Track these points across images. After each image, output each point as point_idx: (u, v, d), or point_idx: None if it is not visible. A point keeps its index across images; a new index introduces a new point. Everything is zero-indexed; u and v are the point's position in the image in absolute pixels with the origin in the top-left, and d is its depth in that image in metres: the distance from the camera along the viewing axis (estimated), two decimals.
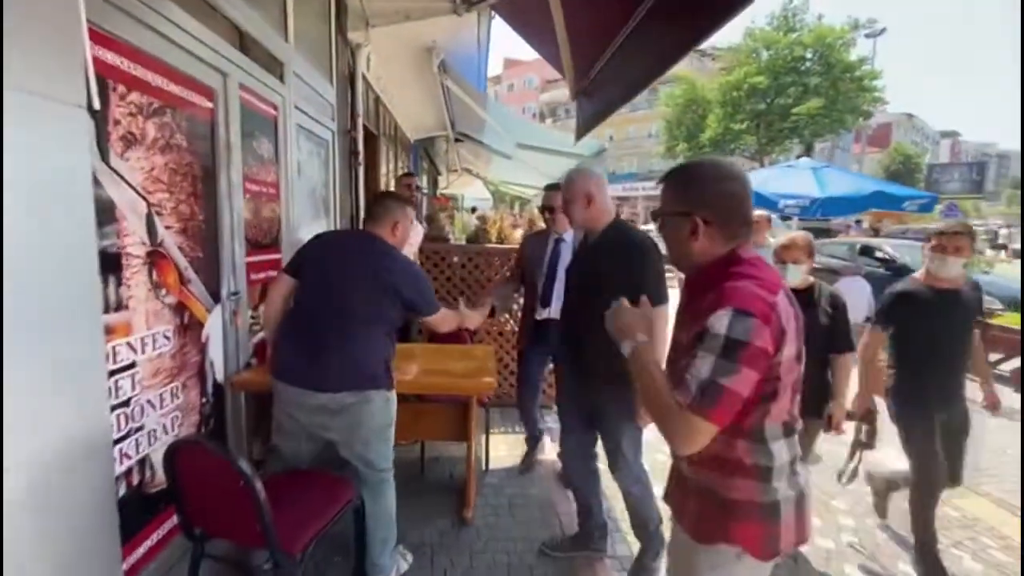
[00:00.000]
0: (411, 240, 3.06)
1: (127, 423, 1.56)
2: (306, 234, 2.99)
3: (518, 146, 5.90)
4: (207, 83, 1.95)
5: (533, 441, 3.03)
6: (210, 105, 1.99)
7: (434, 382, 2.25)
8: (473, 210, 12.62)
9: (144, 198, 1.53)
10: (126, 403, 1.55)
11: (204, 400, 2.01)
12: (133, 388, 1.58)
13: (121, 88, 1.50)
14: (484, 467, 2.92)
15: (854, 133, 23.70)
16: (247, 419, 2.31)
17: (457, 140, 7.73)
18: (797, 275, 2.07)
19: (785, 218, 7.59)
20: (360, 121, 4.07)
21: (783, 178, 7.63)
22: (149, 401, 1.66)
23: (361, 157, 4.08)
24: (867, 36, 18.46)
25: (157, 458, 1.69)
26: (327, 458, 1.97)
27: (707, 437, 1.00)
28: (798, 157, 12.14)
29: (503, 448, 3.15)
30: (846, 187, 7.23)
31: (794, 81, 17.30)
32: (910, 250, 8.45)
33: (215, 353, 2.07)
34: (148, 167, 1.62)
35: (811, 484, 1.15)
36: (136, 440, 1.60)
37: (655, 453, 1.99)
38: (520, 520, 2.47)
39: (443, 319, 2.06)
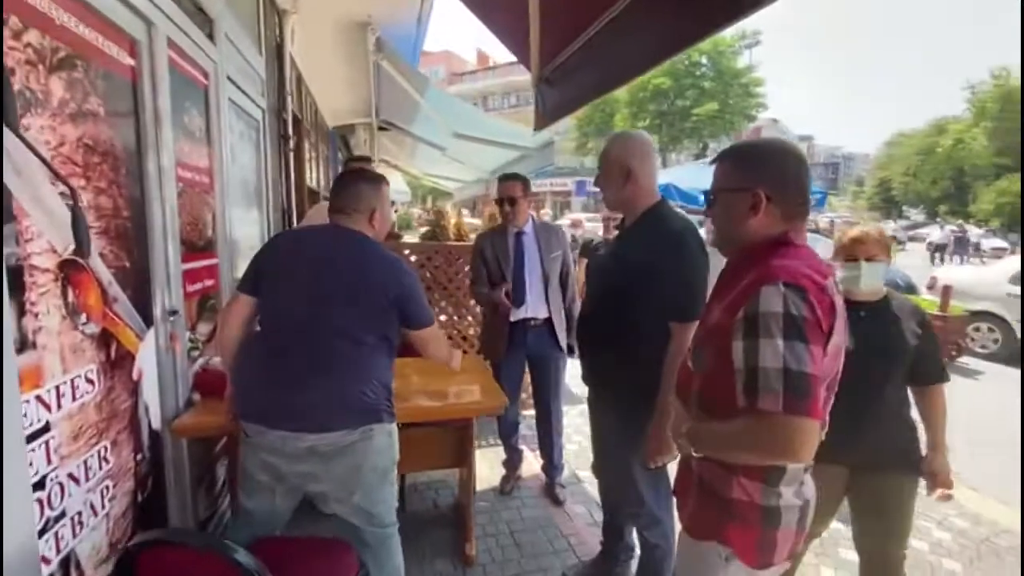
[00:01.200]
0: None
1: (43, 513, 1.07)
2: (241, 233, 2.49)
3: (455, 136, 5.55)
4: (128, 31, 1.44)
5: (512, 464, 2.79)
6: (131, 62, 1.48)
7: (436, 406, 1.91)
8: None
9: (66, 183, 1.05)
10: (40, 484, 1.06)
11: (139, 457, 1.51)
12: (49, 461, 1.09)
13: (14, 21, 1.01)
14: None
15: (733, 136, 26.19)
16: (191, 470, 1.81)
17: (381, 129, 7.15)
18: (877, 276, 1.59)
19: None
20: (290, 101, 3.52)
21: (699, 175, 8.04)
22: (71, 475, 1.17)
23: (292, 142, 3.53)
24: (747, 47, 20.42)
25: (84, 551, 1.21)
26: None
27: (814, 436, 0.88)
28: (696, 157, 13.03)
29: (484, 466, 2.86)
30: None
31: (692, 84, 18.65)
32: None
33: (150, 392, 1.57)
34: (56, 141, 1.13)
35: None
36: (56, 534, 1.11)
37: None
38: (527, 549, 2.22)
39: (435, 336, 1.64)
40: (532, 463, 2.97)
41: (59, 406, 1.13)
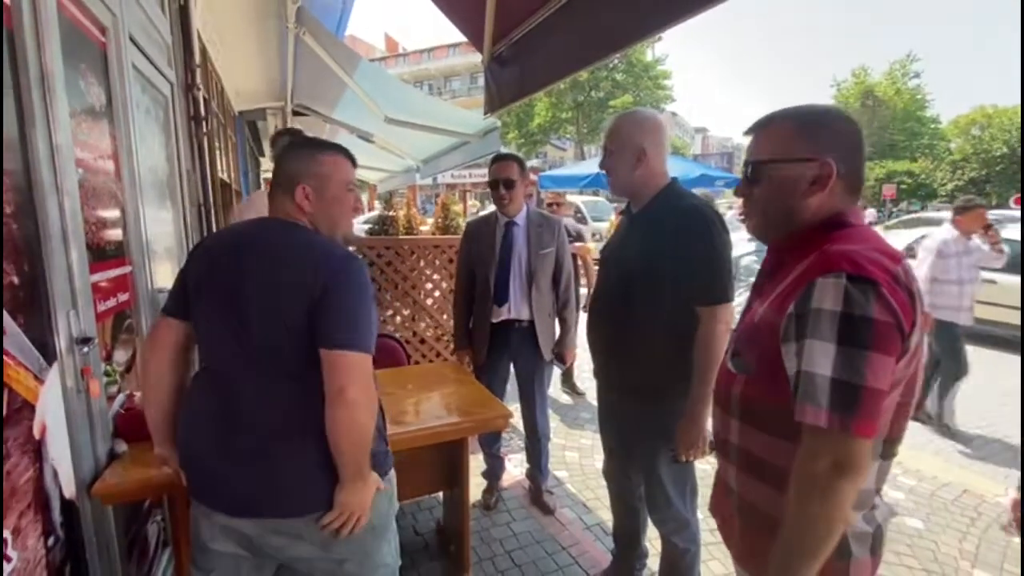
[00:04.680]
0: None
1: None
2: (155, 233, 2.02)
3: (388, 121, 5.13)
4: None
5: (494, 474, 2.57)
6: None
7: (435, 428, 1.65)
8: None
9: None
10: None
11: (52, 541, 1.11)
12: None
13: None
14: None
15: None
16: (119, 540, 1.40)
17: (297, 114, 6.49)
18: None
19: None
20: (198, 75, 2.97)
21: None
22: None
23: (206, 125, 2.99)
24: (650, 43, 21.38)
25: None
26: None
27: (862, 458, 0.77)
28: None
29: None
30: (680, 170, 8.15)
31: (607, 75, 19.17)
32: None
33: (59, 451, 1.17)
34: None
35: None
36: None
37: (699, 463, 1.63)
38: (529, 570, 2.04)
39: (366, 375, 1.04)
40: (510, 470, 2.78)
41: None
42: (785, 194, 0.93)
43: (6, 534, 0.94)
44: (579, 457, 3.02)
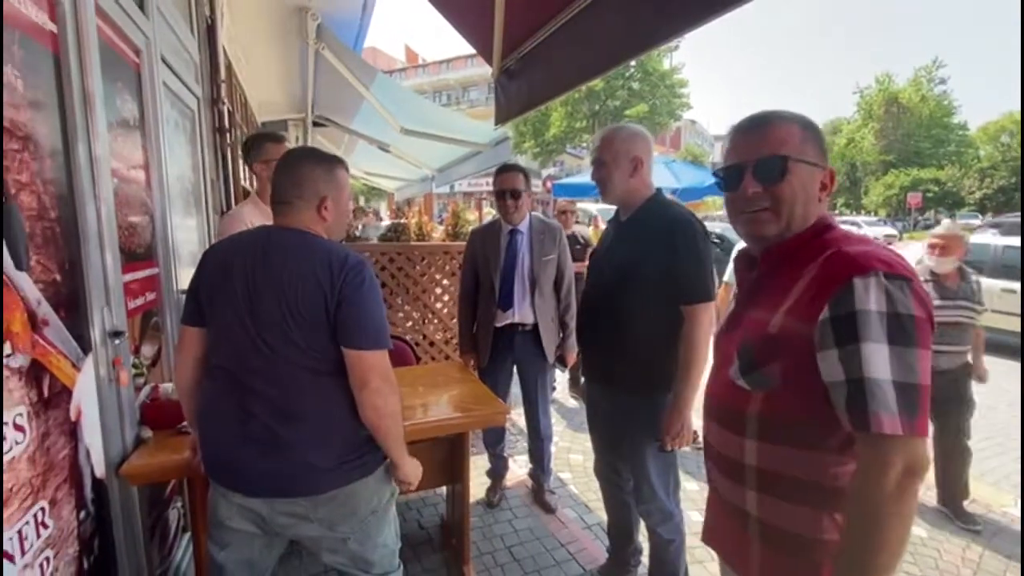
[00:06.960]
0: None
1: None
2: (180, 238, 2.16)
3: (404, 131, 5.29)
4: None
5: (497, 473, 2.64)
6: (53, 27, 1.20)
7: (435, 422, 1.74)
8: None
9: None
10: None
11: (83, 514, 1.23)
12: None
13: None
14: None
15: (658, 137, 27.46)
16: (143, 521, 1.52)
17: (317, 124, 6.71)
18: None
19: None
20: (223, 89, 3.14)
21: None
22: (4, 552, 0.91)
23: (230, 137, 3.16)
24: (667, 52, 21.39)
25: None
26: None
27: (927, 455, 0.75)
28: None
29: None
30: (692, 178, 8.14)
31: (623, 84, 19.26)
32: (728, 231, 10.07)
33: (92, 433, 1.29)
34: None
35: None
36: None
37: (684, 482, 1.70)
38: (528, 565, 2.10)
39: (385, 368, 1.19)
40: (514, 470, 2.85)
41: None
42: (809, 194, 0.91)
43: (44, 503, 1.06)
44: (583, 459, 3.08)
